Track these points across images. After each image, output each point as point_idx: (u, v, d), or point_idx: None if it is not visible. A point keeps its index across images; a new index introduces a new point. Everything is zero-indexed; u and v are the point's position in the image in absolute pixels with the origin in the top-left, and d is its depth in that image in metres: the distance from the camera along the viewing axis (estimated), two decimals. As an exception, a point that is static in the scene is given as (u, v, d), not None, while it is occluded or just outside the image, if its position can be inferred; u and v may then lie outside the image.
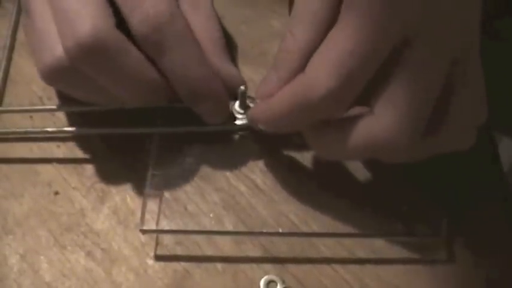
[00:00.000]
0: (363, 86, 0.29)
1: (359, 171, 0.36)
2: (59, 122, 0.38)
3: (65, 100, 0.39)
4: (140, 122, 0.36)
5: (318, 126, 0.31)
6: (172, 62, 0.32)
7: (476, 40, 0.30)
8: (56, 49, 0.31)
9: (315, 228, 0.34)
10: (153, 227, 0.34)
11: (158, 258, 0.34)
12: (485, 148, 0.37)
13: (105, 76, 0.32)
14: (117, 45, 0.31)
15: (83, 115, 0.38)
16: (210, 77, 0.33)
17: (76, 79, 0.32)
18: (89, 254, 0.34)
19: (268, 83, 0.33)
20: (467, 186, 0.35)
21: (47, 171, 0.37)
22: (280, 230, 0.34)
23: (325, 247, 0.34)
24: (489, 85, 0.31)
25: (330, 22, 0.31)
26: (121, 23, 0.32)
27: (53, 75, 0.32)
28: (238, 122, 0.36)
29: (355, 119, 0.30)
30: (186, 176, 0.36)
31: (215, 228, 0.34)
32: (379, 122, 0.29)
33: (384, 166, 0.34)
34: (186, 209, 0.35)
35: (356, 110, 0.30)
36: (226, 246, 0.34)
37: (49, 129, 0.37)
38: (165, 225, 0.35)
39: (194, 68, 0.33)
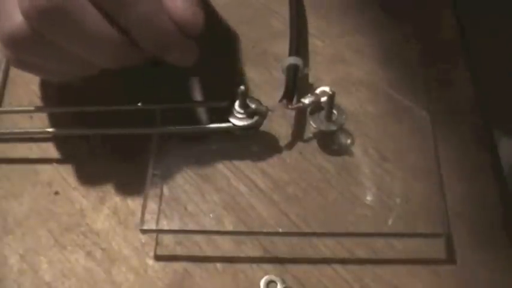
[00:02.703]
0: None
1: (359, 171, 0.36)
2: (59, 122, 0.38)
3: (65, 100, 0.39)
4: (140, 122, 0.36)
5: None
6: (132, 16, 0.32)
7: None
8: (15, 17, 0.31)
9: (315, 228, 0.34)
10: (153, 227, 0.34)
11: (158, 258, 0.34)
12: (485, 148, 0.37)
13: (65, 36, 0.31)
14: (72, 2, 0.30)
15: (83, 115, 0.38)
16: (172, 26, 0.33)
17: (38, 46, 0.32)
18: (89, 254, 0.34)
19: None
20: (467, 186, 0.35)
21: (47, 171, 0.37)
22: (280, 230, 0.34)
23: (325, 247, 0.34)
24: (489, 85, 0.31)
25: None
26: None
27: (15, 43, 0.32)
28: (238, 122, 0.36)
29: None
30: (186, 176, 0.36)
31: (215, 228, 0.34)
32: None
33: (384, 166, 0.34)
34: (186, 209, 0.35)
35: None
36: (226, 246, 0.34)
37: (49, 130, 0.37)
38: (165, 225, 0.35)
39: (155, 20, 0.32)
